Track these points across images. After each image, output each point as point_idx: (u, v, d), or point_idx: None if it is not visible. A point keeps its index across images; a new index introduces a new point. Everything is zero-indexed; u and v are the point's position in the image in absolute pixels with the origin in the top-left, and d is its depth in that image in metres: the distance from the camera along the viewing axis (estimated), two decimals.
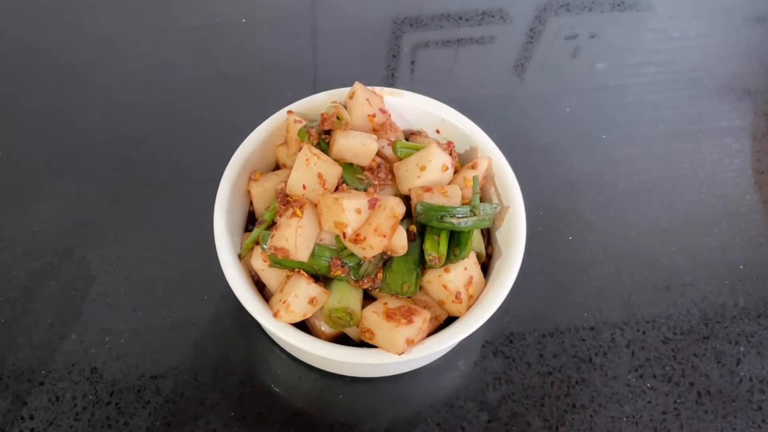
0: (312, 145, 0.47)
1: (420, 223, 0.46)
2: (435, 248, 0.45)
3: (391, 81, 0.73)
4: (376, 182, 0.47)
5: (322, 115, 0.48)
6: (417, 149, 0.48)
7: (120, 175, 0.63)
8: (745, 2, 0.85)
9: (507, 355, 0.54)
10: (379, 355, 0.43)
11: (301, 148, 0.45)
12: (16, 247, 0.57)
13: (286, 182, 0.46)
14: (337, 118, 0.47)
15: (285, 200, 0.46)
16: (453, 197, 0.46)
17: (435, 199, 0.45)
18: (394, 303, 0.44)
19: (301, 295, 0.43)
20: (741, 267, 0.60)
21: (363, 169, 0.47)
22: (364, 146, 0.46)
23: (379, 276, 0.45)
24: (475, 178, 0.48)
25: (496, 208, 0.48)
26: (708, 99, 0.73)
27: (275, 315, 0.43)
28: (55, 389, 0.50)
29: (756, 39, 0.81)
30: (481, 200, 0.52)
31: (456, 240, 0.46)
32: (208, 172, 0.59)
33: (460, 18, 0.80)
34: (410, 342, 0.42)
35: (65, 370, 0.51)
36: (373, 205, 0.43)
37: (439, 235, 0.45)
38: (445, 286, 0.45)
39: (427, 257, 0.45)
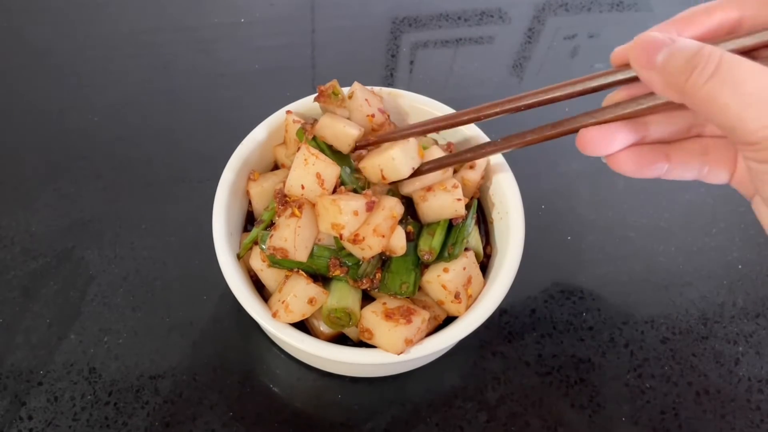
0: (308, 140, 0.47)
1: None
2: (427, 243, 0.45)
3: (389, 81, 0.73)
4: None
5: (318, 87, 0.48)
6: None
7: (119, 175, 0.63)
8: None
9: (506, 355, 0.54)
10: (378, 355, 0.43)
11: (299, 148, 0.45)
12: (15, 246, 0.57)
13: (284, 182, 0.46)
14: (333, 93, 0.47)
15: (284, 200, 0.46)
16: (455, 193, 0.46)
17: (438, 196, 0.46)
18: (393, 303, 0.44)
19: (300, 295, 0.43)
20: (740, 267, 0.60)
21: (358, 169, 0.47)
22: (345, 128, 0.47)
23: (377, 276, 0.45)
24: None
25: None
26: None
27: (274, 315, 0.43)
28: (54, 389, 0.50)
29: None
30: (480, 200, 0.52)
31: (453, 237, 0.46)
32: (206, 172, 0.59)
33: (459, 18, 0.80)
34: (409, 342, 0.42)
35: (64, 370, 0.51)
36: (370, 207, 0.43)
37: (434, 232, 0.45)
38: (444, 286, 0.45)
39: (419, 252, 0.45)
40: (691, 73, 0.29)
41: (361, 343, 0.45)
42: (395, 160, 0.44)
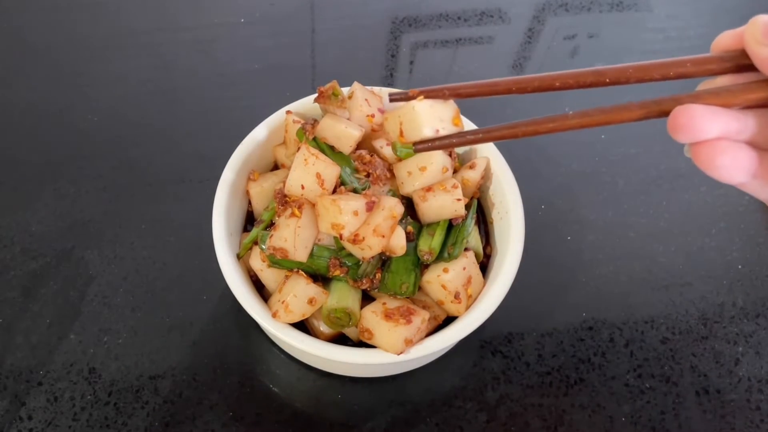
0: (308, 140, 0.47)
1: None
2: (427, 243, 0.45)
3: (389, 81, 0.73)
4: (375, 172, 0.46)
5: (318, 88, 0.48)
6: None
7: (118, 175, 0.63)
8: (744, 2, 0.85)
9: (506, 354, 0.54)
10: (378, 355, 0.43)
11: (299, 148, 0.45)
12: (15, 246, 0.57)
13: (284, 182, 0.46)
14: (333, 93, 0.47)
15: (283, 200, 0.46)
16: (455, 193, 0.46)
17: (438, 196, 0.45)
18: (392, 303, 0.44)
19: (300, 295, 0.43)
20: (739, 267, 0.60)
21: (358, 169, 0.47)
22: (347, 129, 0.46)
23: (377, 276, 0.45)
24: None
25: None
26: None
27: (274, 315, 0.43)
28: (54, 389, 0.50)
29: None
30: (480, 200, 0.52)
31: (452, 237, 0.46)
32: (206, 172, 0.59)
33: (459, 18, 0.80)
34: (409, 342, 0.42)
35: (63, 370, 0.51)
36: (370, 207, 0.43)
37: (434, 232, 0.45)
38: (443, 286, 0.45)
39: (419, 253, 0.45)
40: None
41: (361, 343, 0.45)
42: (416, 110, 0.39)
